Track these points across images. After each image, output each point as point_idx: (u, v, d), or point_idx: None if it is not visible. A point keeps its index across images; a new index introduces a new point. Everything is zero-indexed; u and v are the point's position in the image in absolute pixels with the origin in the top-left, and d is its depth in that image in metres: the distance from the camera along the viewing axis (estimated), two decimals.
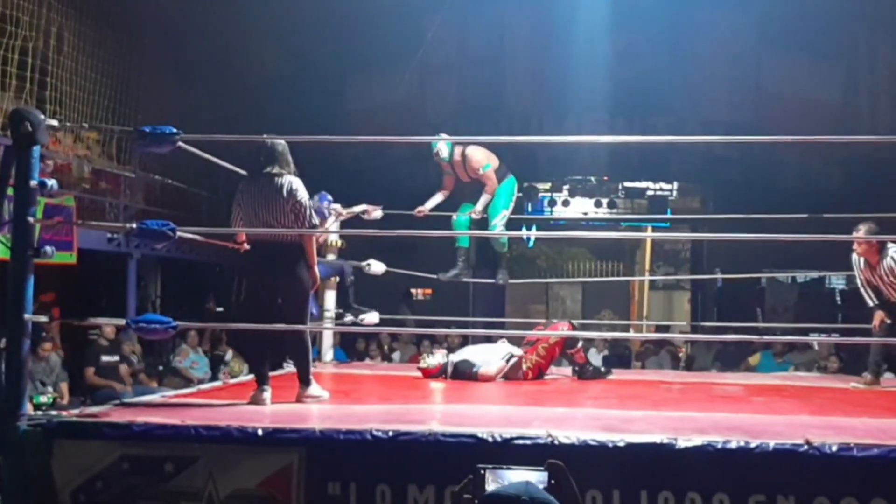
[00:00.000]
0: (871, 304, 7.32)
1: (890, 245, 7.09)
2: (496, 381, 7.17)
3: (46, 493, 4.26)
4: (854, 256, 7.32)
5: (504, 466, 1.63)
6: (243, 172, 5.88)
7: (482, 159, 8.33)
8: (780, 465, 4.01)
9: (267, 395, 5.50)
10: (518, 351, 7.35)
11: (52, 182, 4.77)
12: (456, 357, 7.38)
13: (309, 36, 14.93)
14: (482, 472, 1.61)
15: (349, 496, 4.14)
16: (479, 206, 8.35)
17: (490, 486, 1.59)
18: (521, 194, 9.04)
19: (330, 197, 8.25)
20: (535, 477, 1.64)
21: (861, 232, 6.97)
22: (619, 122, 15.77)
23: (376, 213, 8.54)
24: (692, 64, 15.94)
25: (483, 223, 8.43)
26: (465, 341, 9.74)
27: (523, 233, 9.86)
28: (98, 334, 10.77)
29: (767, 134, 12.30)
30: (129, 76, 13.27)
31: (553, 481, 1.64)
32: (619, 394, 6.73)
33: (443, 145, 8.24)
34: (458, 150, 8.33)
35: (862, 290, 7.40)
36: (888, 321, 7.17)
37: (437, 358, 7.43)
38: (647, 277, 17.72)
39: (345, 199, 8.50)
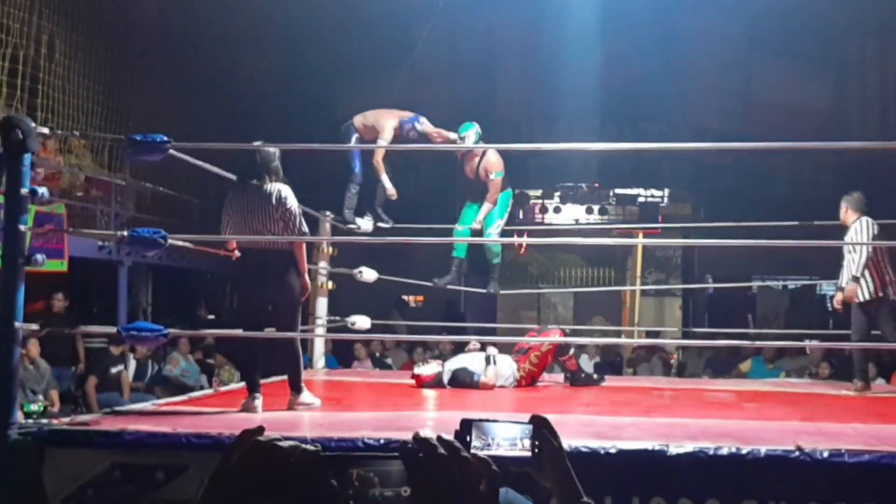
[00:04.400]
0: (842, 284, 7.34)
1: (863, 219, 7.20)
2: (495, 388, 7.17)
3: (37, 502, 4.25)
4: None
5: (490, 419, 1.62)
6: (234, 178, 5.88)
7: (497, 165, 8.39)
8: (772, 472, 4.02)
9: (258, 402, 5.49)
10: (493, 350, 7.35)
11: (42, 190, 4.76)
12: (452, 365, 7.35)
13: (300, 43, 14.93)
14: (468, 424, 1.60)
15: None
16: (481, 215, 8.42)
17: (476, 443, 1.59)
18: (512, 201, 9.06)
19: (421, 120, 8.38)
20: (521, 430, 1.64)
21: (843, 202, 7.32)
22: (609, 128, 15.80)
23: (366, 225, 8.50)
24: (683, 71, 15.96)
25: (478, 232, 8.47)
26: (459, 349, 9.74)
27: (515, 239, 9.85)
28: (107, 343, 10.73)
29: (758, 141, 12.27)
30: (120, 84, 13.24)
31: (536, 435, 1.65)
32: (611, 400, 6.74)
33: (473, 133, 8.30)
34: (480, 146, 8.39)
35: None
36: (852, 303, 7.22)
37: (431, 367, 7.41)
38: (637, 287, 17.70)
39: (336, 206, 8.49)
